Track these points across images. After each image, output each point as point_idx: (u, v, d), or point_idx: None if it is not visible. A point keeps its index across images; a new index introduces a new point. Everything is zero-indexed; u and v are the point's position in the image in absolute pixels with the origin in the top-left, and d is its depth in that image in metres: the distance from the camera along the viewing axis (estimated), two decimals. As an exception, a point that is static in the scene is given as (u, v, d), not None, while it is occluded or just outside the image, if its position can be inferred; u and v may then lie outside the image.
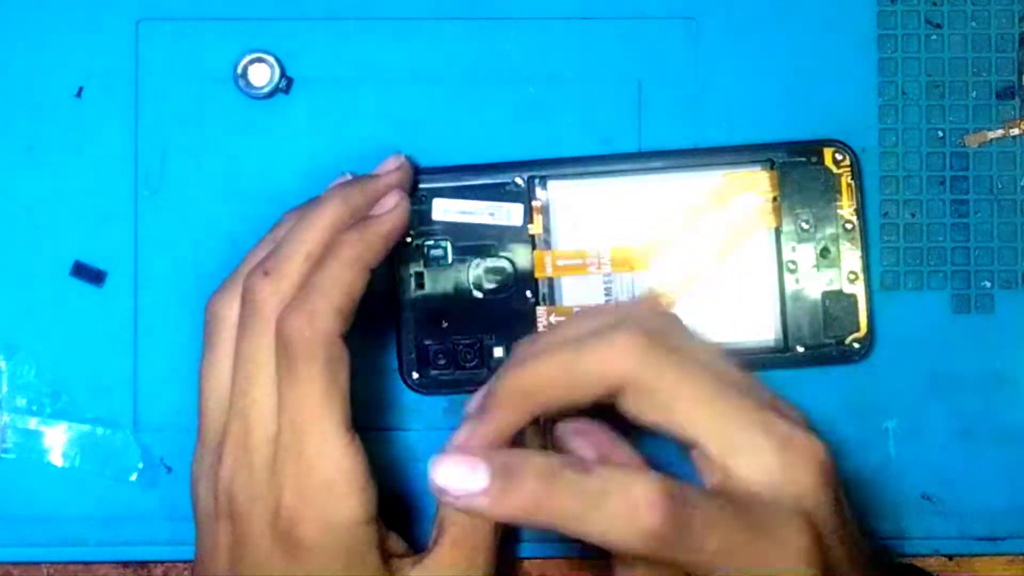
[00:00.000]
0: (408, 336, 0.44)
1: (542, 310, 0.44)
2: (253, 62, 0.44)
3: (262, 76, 0.44)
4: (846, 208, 0.44)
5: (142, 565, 0.45)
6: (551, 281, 0.44)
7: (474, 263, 0.44)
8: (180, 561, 0.45)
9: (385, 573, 0.38)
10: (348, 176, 0.42)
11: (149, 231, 0.44)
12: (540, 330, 0.44)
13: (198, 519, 0.40)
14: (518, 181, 0.44)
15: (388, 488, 0.41)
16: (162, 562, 0.45)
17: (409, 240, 0.44)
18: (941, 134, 0.45)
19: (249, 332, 0.39)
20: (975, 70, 0.45)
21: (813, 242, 0.44)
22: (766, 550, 0.33)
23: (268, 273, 0.39)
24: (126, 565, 0.45)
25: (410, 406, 0.45)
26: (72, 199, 0.44)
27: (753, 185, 0.44)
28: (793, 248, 0.44)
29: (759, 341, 0.44)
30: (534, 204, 0.44)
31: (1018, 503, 0.45)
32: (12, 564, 0.45)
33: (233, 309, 0.40)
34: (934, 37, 0.46)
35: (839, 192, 0.44)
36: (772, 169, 0.44)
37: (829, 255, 0.44)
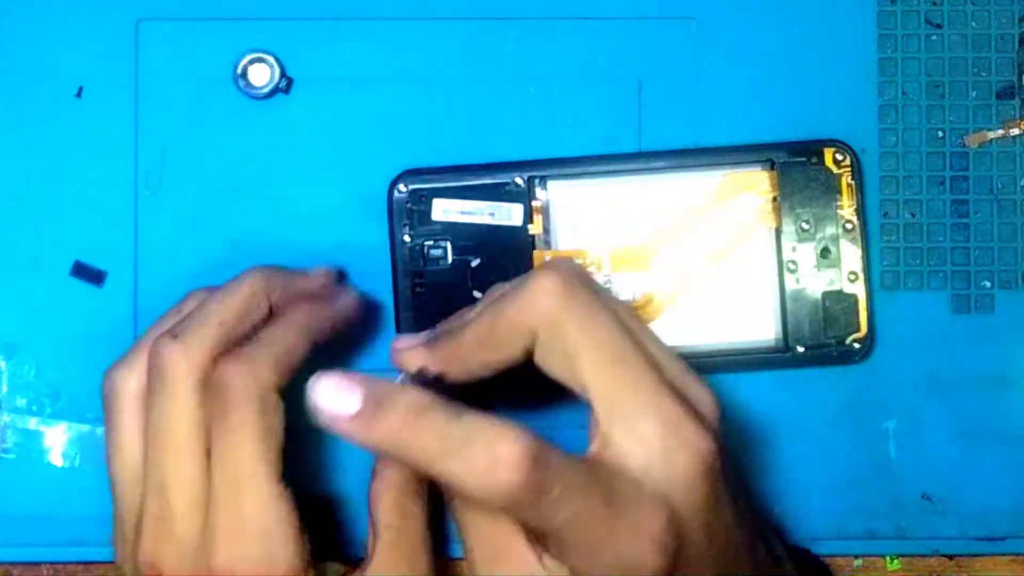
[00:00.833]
0: (408, 336, 0.44)
1: (542, 310, 0.44)
2: (253, 62, 0.44)
3: (262, 76, 0.44)
4: (846, 208, 0.44)
5: (142, 565, 0.45)
6: (551, 281, 0.44)
7: (474, 263, 0.44)
8: (180, 561, 0.45)
9: None
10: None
11: (149, 231, 0.44)
12: None
13: None
14: (518, 181, 0.44)
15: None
16: (162, 562, 0.45)
17: (409, 240, 0.44)
18: (941, 134, 0.45)
19: (159, 400, 0.37)
20: (975, 70, 0.45)
21: (813, 242, 0.44)
22: (619, 529, 0.32)
23: (177, 336, 0.37)
24: (126, 565, 0.45)
25: (410, 406, 0.45)
26: (72, 199, 0.44)
27: (753, 185, 0.44)
28: (793, 248, 0.44)
29: (759, 341, 0.44)
30: (534, 204, 0.44)
31: (1018, 503, 0.45)
32: (12, 564, 0.45)
33: (133, 381, 0.38)
34: (934, 37, 0.45)
35: (839, 192, 0.44)
36: (772, 169, 0.44)
37: (829, 255, 0.44)
